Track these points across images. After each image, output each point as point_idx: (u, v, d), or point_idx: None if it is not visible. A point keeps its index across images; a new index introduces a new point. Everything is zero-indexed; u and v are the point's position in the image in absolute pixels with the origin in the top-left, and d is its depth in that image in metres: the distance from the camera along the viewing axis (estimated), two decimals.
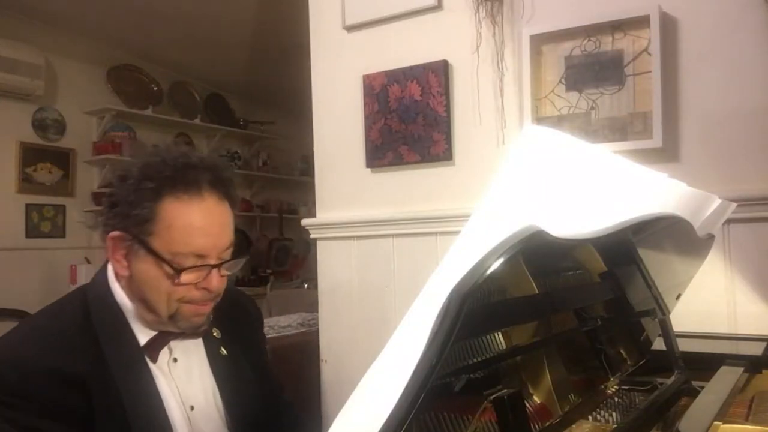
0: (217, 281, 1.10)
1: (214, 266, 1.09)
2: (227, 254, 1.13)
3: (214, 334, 1.22)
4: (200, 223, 1.07)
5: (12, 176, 4.11)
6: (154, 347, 1.12)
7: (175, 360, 1.15)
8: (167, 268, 1.06)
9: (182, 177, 1.07)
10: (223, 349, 1.23)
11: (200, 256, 1.07)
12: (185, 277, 1.06)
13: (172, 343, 1.15)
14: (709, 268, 1.49)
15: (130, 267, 1.09)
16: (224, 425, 1.19)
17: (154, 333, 1.13)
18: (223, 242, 1.11)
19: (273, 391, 1.34)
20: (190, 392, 1.16)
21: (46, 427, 1.00)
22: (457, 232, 0.66)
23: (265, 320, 2.87)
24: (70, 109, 4.42)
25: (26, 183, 4.18)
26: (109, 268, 1.15)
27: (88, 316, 1.10)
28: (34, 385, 1.00)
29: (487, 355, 0.86)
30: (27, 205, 4.18)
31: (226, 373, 1.21)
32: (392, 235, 2.07)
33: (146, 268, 1.07)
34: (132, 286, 1.11)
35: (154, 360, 1.12)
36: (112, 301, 1.12)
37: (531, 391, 0.97)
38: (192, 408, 1.15)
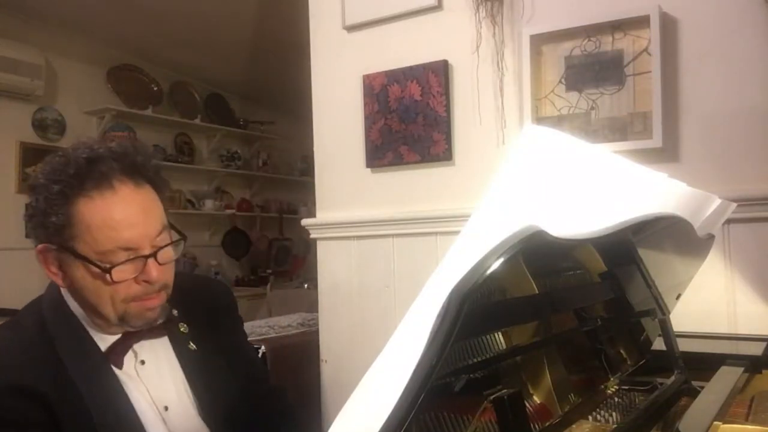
0: (156, 271, 1.03)
1: (147, 256, 1.03)
2: (161, 240, 1.05)
3: (181, 329, 1.17)
4: (119, 215, 1.01)
5: (12, 176, 4.11)
6: (116, 353, 1.08)
7: (143, 362, 1.11)
8: (96, 270, 1.00)
9: (88, 173, 1.01)
10: (192, 344, 1.18)
11: (130, 249, 1.01)
12: (118, 275, 1.01)
13: (137, 346, 1.11)
14: (709, 268, 1.49)
15: (66, 277, 1.05)
16: (202, 422, 1.15)
17: (114, 339, 1.09)
18: (151, 230, 1.04)
19: (254, 379, 1.30)
20: (162, 393, 1.12)
21: None
22: (457, 232, 0.66)
23: (265, 320, 2.88)
24: (70, 109, 4.42)
25: (26, 183, 4.17)
26: None
27: (44, 329, 1.06)
28: None
29: (487, 355, 0.86)
30: (27, 206, 4.18)
31: (196, 368, 1.17)
32: (392, 235, 2.07)
33: (80, 274, 1.02)
34: (75, 295, 1.07)
35: (119, 365, 1.08)
36: (67, 311, 1.08)
37: (531, 391, 0.97)
38: (166, 408, 1.11)
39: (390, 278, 2.07)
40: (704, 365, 1.23)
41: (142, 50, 4.78)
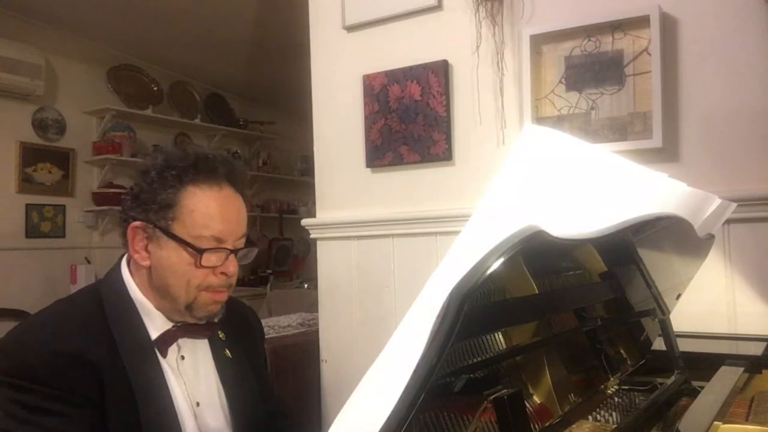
0: (233, 266, 1.16)
1: (231, 251, 1.15)
2: (242, 243, 1.19)
3: (220, 336, 1.26)
4: (219, 209, 1.14)
5: (12, 176, 4.11)
6: (164, 342, 1.16)
7: (183, 357, 1.19)
8: (190, 250, 1.11)
9: (204, 167, 1.15)
10: (227, 352, 1.26)
11: (219, 239, 1.13)
12: (206, 259, 1.12)
13: (181, 341, 1.18)
14: (709, 268, 1.49)
15: (151, 256, 1.14)
16: (227, 423, 1.22)
17: (165, 329, 1.16)
18: (239, 229, 1.18)
19: (271, 398, 1.38)
20: (196, 389, 1.19)
21: (59, 410, 1.02)
22: (457, 232, 0.66)
23: (265, 320, 2.87)
24: (70, 109, 4.42)
25: (26, 183, 4.17)
26: (123, 265, 1.20)
27: (101, 308, 1.13)
28: (48, 368, 1.03)
29: (487, 355, 0.86)
30: (27, 205, 4.18)
31: (230, 373, 1.25)
32: (392, 235, 2.07)
33: (167, 254, 1.13)
34: (152, 276, 1.15)
35: (164, 355, 1.15)
36: (126, 295, 1.16)
37: (531, 391, 0.97)
38: (198, 404, 1.18)
39: (390, 278, 2.07)
40: (704, 365, 1.23)
41: (142, 50, 4.78)
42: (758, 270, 1.57)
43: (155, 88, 5.01)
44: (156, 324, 1.16)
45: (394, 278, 2.07)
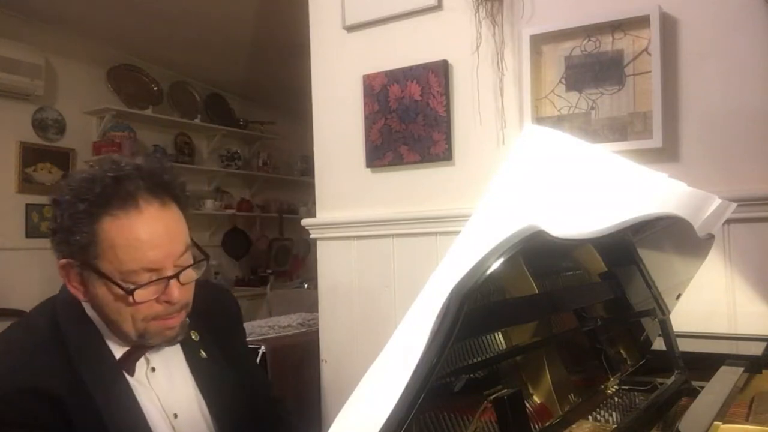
0: (177, 292, 1.04)
1: (170, 277, 1.03)
2: (184, 261, 1.06)
3: (192, 337, 1.18)
4: (144, 235, 1.00)
5: (12, 176, 4.11)
6: (129, 360, 1.09)
7: (153, 369, 1.12)
8: (119, 290, 1.00)
9: (115, 192, 1.00)
10: (202, 352, 1.19)
11: (153, 269, 1.01)
12: (140, 295, 1.01)
13: (149, 353, 1.11)
14: (709, 268, 1.49)
15: (88, 292, 1.05)
16: (210, 430, 1.16)
17: (128, 347, 1.09)
18: (175, 250, 1.04)
19: (258, 388, 1.31)
20: (173, 400, 1.12)
21: None
22: (457, 232, 0.66)
23: (265, 320, 2.88)
24: (70, 109, 4.42)
25: (26, 183, 4.18)
26: None
27: (58, 331, 1.05)
28: (8, 404, 0.96)
29: (487, 355, 0.86)
30: (27, 205, 4.18)
31: (207, 376, 1.18)
32: (392, 235, 2.07)
33: (102, 292, 1.02)
34: (96, 309, 1.07)
35: (131, 373, 1.08)
36: (83, 315, 1.08)
37: (531, 391, 0.97)
38: (176, 416, 1.11)
39: (390, 278, 2.07)
40: (704, 365, 1.23)
41: (142, 50, 4.78)
42: (758, 270, 1.57)
43: (155, 88, 5.01)
44: (118, 342, 1.08)
45: (394, 278, 2.07)
